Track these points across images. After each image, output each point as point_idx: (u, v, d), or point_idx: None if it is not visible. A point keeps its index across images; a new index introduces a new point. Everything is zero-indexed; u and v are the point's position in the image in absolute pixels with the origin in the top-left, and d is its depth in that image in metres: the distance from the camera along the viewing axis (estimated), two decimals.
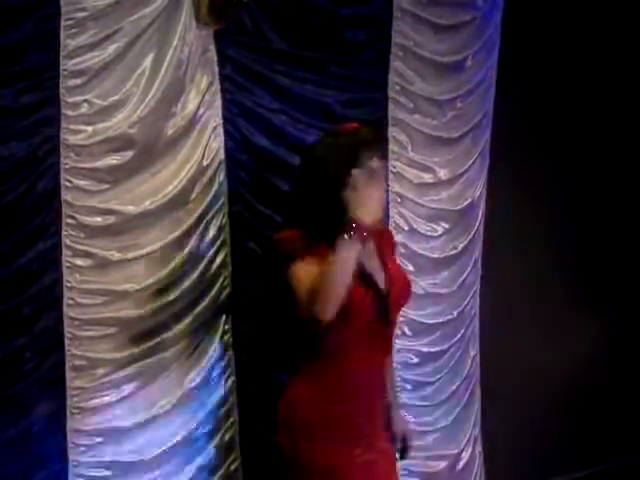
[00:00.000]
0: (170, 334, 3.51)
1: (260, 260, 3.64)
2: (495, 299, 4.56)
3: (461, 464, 4.42)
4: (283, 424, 3.21)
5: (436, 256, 4.27)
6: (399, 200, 4.15)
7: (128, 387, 3.44)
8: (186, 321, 3.54)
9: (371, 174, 3.09)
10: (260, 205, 3.70)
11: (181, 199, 3.51)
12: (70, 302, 3.31)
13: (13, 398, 3.21)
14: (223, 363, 3.65)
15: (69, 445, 3.34)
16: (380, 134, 3.68)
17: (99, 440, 3.39)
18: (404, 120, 4.11)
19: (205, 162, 3.57)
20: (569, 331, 4.91)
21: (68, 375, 3.32)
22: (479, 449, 4.55)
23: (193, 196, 3.55)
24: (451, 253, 4.33)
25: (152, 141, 3.42)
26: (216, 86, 3.58)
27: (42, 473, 3.29)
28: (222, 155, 3.62)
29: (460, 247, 4.35)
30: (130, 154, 3.37)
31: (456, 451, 4.40)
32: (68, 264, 3.30)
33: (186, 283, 3.54)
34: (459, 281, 4.37)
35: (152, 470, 3.50)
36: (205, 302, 3.59)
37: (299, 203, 3.19)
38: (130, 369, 3.43)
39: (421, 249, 4.23)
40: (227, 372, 3.66)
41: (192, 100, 3.51)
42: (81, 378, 3.35)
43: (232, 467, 3.70)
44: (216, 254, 3.62)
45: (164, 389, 3.51)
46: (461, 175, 4.33)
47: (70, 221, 3.29)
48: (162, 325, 3.49)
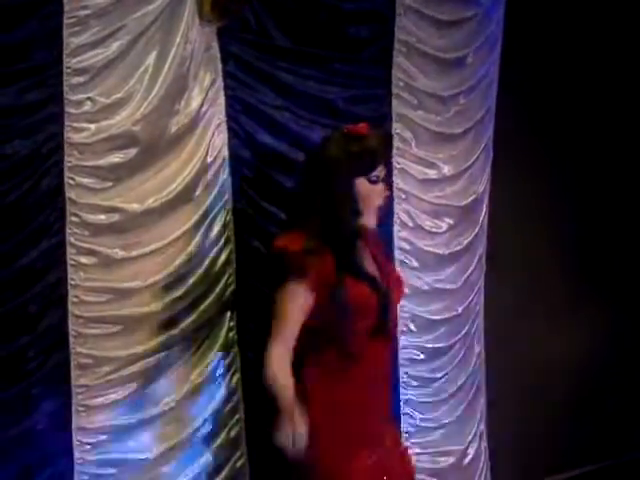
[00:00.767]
0: (175, 331, 3.50)
1: (264, 258, 3.63)
2: (499, 295, 4.56)
3: (467, 460, 4.41)
4: None
5: (441, 252, 4.27)
6: (403, 196, 4.14)
7: (133, 385, 3.43)
8: (191, 318, 3.54)
9: (374, 182, 3.18)
10: (264, 202, 3.69)
11: (185, 196, 3.51)
12: (75, 300, 3.31)
13: (18, 396, 3.21)
14: (228, 360, 3.65)
15: (74, 443, 3.34)
16: (389, 142, 3.70)
17: (104, 438, 3.39)
18: (408, 116, 4.11)
19: (209, 159, 3.57)
20: (573, 327, 4.90)
21: (73, 373, 3.32)
22: (485, 445, 4.55)
23: (197, 193, 3.54)
24: (456, 249, 4.32)
25: (155, 139, 3.41)
26: (219, 83, 3.58)
27: (47, 471, 3.29)
28: (226, 152, 3.62)
29: (465, 243, 4.35)
30: (134, 152, 3.37)
31: (462, 447, 4.40)
32: (72, 262, 3.30)
33: (190, 280, 3.53)
34: (464, 277, 4.37)
35: (158, 467, 3.50)
36: (210, 299, 3.59)
37: (304, 204, 3.20)
38: (135, 367, 3.42)
39: (426, 245, 4.23)
40: (232, 369, 3.66)
41: (195, 97, 3.50)
42: (86, 376, 3.34)
43: (238, 464, 3.70)
44: (220, 251, 3.62)
45: (169, 386, 3.51)
46: (465, 171, 4.33)
47: (74, 219, 3.29)
48: (167, 322, 3.49)
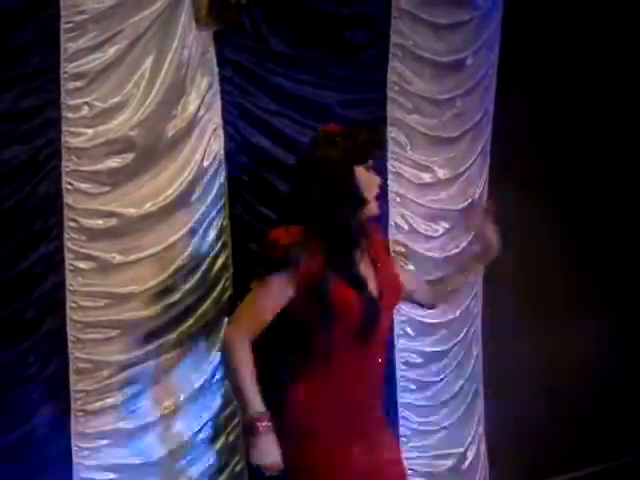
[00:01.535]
0: (173, 336, 3.51)
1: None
2: (498, 298, 4.56)
3: (466, 463, 4.42)
4: (282, 428, 3.20)
5: (437, 256, 4.27)
6: (399, 200, 4.15)
7: (131, 389, 3.43)
8: (188, 323, 3.54)
9: (368, 170, 3.17)
10: (261, 206, 3.70)
11: (182, 201, 3.51)
12: (73, 305, 3.31)
13: (17, 401, 3.21)
14: None
15: (73, 448, 3.34)
16: (376, 133, 3.69)
17: (103, 443, 3.39)
18: (403, 120, 4.12)
19: (205, 164, 3.58)
20: (573, 329, 4.91)
21: (72, 378, 3.32)
22: (483, 448, 4.55)
23: (194, 198, 3.55)
24: (452, 253, 4.32)
25: (153, 143, 3.42)
26: (216, 88, 3.59)
27: (46, 476, 3.29)
28: (222, 157, 3.63)
29: (461, 246, 4.35)
30: (131, 156, 3.38)
31: (461, 450, 4.40)
32: (70, 267, 3.30)
33: (188, 285, 3.54)
34: None
35: (157, 472, 3.50)
36: (207, 304, 3.60)
37: (301, 206, 3.19)
38: (133, 371, 3.43)
39: (422, 249, 4.23)
40: None
41: (192, 102, 3.51)
42: (85, 381, 3.35)
43: (237, 468, 3.70)
44: (217, 256, 3.63)
45: (167, 391, 3.51)
46: (461, 174, 4.34)
47: (72, 224, 3.30)
48: (165, 327, 3.49)
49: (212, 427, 3.63)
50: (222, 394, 3.64)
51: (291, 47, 3.74)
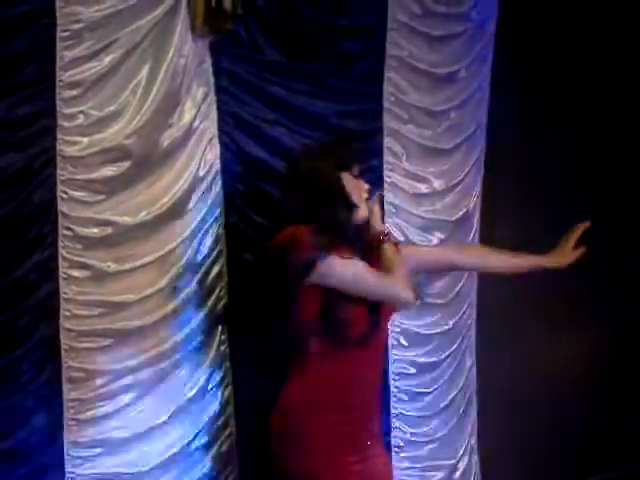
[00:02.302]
0: (167, 345, 3.50)
1: (256, 269, 3.63)
2: (492, 309, 4.56)
3: (458, 474, 4.42)
4: (276, 434, 3.20)
5: None
6: (394, 210, 4.16)
7: (125, 398, 3.42)
8: (183, 332, 3.54)
9: (355, 177, 3.24)
10: (256, 216, 3.70)
11: (177, 210, 3.52)
12: (67, 313, 3.31)
13: (10, 410, 3.20)
14: (220, 374, 3.65)
15: (66, 457, 3.32)
16: (355, 142, 3.73)
17: (96, 452, 3.38)
18: (399, 131, 4.13)
19: (201, 173, 3.58)
20: (568, 341, 4.91)
21: (65, 387, 3.31)
22: (476, 458, 4.55)
23: (189, 207, 3.55)
24: None
25: (148, 152, 3.42)
26: (212, 97, 3.60)
27: None
28: (218, 166, 3.63)
29: None
30: (126, 165, 3.38)
31: (453, 461, 4.40)
32: (65, 275, 3.30)
33: (182, 294, 3.54)
34: (454, 291, 4.38)
35: None
36: (202, 313, 3.59)
37: (303, 216, 3.20)
38: (127, 380, 3.42)
39: None
40: (224, 383, 3.66)
41: (188, 111, 3.52)
42: (78, 390, 3.34)
43: (230, 478, 3.69)
44: (212, 265, 3.63)
45: (161, 400, 3.50)
46: (456, 185, 4.35)
47: (66, 232, 3.29)
48: (159, 336, 3.48)
49: (205, 437, 3.62)
50: (215, 404, 3.64)
51: (287, 57, 3.75)
